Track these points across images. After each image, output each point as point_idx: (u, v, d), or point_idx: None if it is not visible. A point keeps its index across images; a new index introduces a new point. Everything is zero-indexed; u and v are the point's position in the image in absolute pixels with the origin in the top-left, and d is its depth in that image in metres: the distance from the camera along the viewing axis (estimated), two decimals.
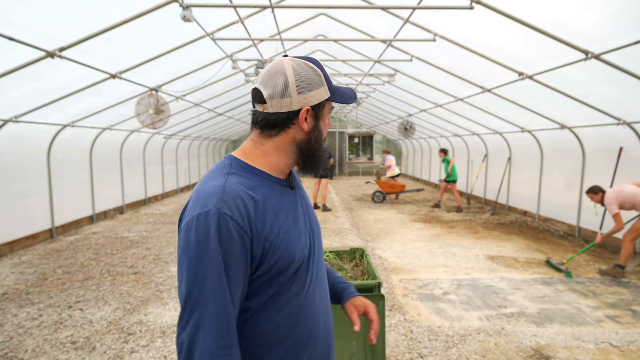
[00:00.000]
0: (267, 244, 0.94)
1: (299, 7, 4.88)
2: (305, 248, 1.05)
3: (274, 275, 0.97)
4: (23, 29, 3.58)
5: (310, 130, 1.05)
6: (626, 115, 5.29)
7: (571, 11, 3.72)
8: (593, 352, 3.10)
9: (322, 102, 1.05)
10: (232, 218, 0.88)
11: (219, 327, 0.86)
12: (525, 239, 6.69)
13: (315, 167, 1.09)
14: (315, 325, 1.07)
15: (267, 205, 0.98)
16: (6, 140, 5.57)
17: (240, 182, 0.97)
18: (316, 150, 1.08)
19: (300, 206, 1.11)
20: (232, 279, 0.88)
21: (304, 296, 1.04)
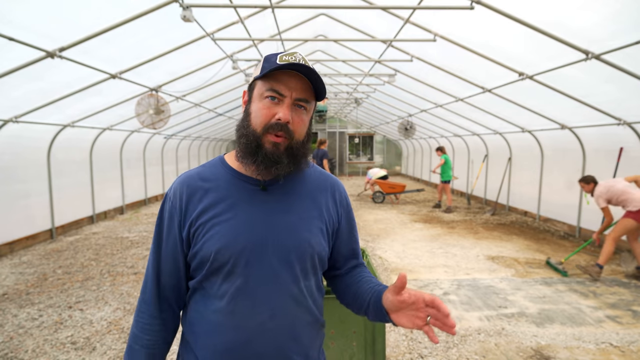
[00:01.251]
0: (192, 229, 0.99)
1: (299, 7, 4.88)
2: (240, 251, 0.96)
3: (197, 262, 1.00)
4: (23, 29, 3.57)
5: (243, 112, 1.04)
6: (626, 115, 5.29)
7: (571, 11, 3.72)
8: (593, 352, 3.09)
9: (252, 82, 1.02)
10: (170, 199, 1.04)
11: (144, 282, 1.06)
12: (526, 239, 6.69)
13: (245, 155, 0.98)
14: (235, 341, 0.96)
15: (209, 194, 1.01)
16: (6, 140, 5.57)
17: (199, 172, 1.06)
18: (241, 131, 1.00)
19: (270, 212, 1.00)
20: (161, 247, 1.04)
21: (229, 302, 0.97)
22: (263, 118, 0.96)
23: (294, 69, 0.96)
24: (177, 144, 12.36)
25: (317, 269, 1.07)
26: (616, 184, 4.67)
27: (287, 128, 0.96)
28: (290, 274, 1.00)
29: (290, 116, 0.96)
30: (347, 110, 16.63)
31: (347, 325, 2.23)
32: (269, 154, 0.96)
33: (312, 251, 1.03)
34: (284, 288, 0.99)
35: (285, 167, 0.98)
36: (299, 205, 1.05)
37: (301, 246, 1.01)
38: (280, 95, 0.96)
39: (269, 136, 0.96)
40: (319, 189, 1.11)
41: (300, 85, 0.98)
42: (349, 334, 2.24)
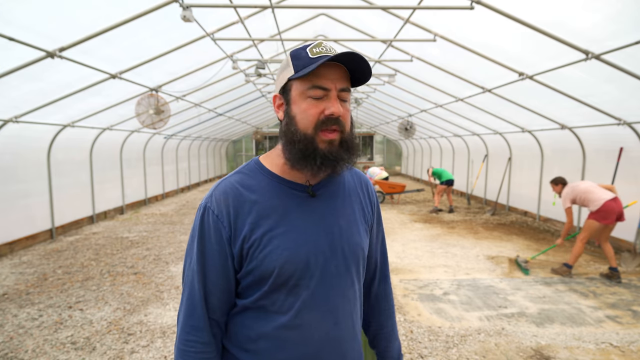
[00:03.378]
0: (245, 245, 0.92)
1: (299, 7, 4.89)
2: (303, 263, 0.93)
3: (256, 279, 0.94)
4: (23, 29, 3.57)
5: (283, 118, 0.96)
6: (626, 115, 5.29)
7: (571, 11, 3.72)
8: (593, 352, 3.09)
9: (287, 83, 0.94)
10: (213, 212, 0.94)
11: (189, 306, 0.95)
12: (526, 239, 6.69)
13: (298, 159, 0.93)
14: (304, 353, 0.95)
15: (258, 205, 0.94)
16: (6, 140, 5.57)
17: (239, 180, 0.98)
18: (290, 140, 0.93)
19: (323, 218, 0.97)
20: (208, 266, 0.95)
21: (293, 316, 0.94)
22: (313, 117, 0.91)
23: (338, 60, 0.90)
24: (177, 144, 12.36)
25: (363, 270, 1.07)
26: (580, 185, 4.72)
27: (339, 121, 0.91)
28: (349, 278, 0.99)
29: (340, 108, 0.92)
30: None
31: None
32: (327, 154, 0.91)
33: (363, 254, 1.03)
34: (344, 293, 0.99)
35: (345, 163, 0.94)
36: (346, 208, 1.02)
37: (355, 250, 1.00)
38: (325, 89, 0.90)
39: (322, 134, 0.91)
40: (357, 188, 1.09)
41: (340, 75, 0.92)
42: None
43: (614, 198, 4.51)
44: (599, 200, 4.50)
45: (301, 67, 0.90)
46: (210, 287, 0.95)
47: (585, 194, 4.61)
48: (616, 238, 5.75)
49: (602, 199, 4.49)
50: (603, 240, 4.68)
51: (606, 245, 4.66)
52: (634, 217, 5.49)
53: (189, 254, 0.98)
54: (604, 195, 4.51)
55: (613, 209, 4.46)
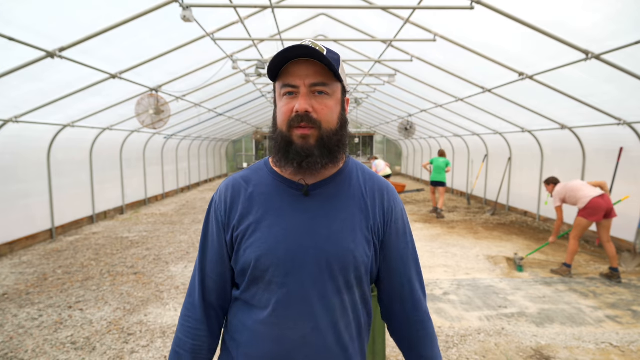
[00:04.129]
0: (235, 233, 0.98)
1: (299, 7, 4.89)
2: (280, 260, 0.91)
3: (239, 270, 0.98)
4: (23, 29, 3.57)
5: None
6: (626, 115, 5.29)
7: (571, 11, 3.72)
8: (593, 352, 3.09)
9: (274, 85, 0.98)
10: (216, 202, 1.03)
11: (191, 285, 1.06)
12: (526, 239, 6.69)
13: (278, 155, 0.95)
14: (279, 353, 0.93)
15: (253, 199, 0.99)
16: (6, 140, 5.57)
17: (242, 175, 1.04)
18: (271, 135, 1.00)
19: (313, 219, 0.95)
20: (207, 250, 1.03)
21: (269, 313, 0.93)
22: (284, 115, 0.93)
23: (294, 55, 0.89)
24: (177, 144, 12.36)
25: (362, 282, 0.98)
26: (570, 183, 4.77)
27: (310, 117, 0.90)
28: (333, 285, 0.93)
29: (311, 104, 0.90)
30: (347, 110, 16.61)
31: None
32: (298, 149, 0.91)
33: (356, 263, 0.95)
34: (326, 300, 0.93)
35: (317, 159, 0.92)
36: (342, 212, 0.97)
37: (344, 257, 0.93)
38: (294, 87, 0.91)
39: (295, 131, 0.91)
40: (365, 195, 1.01)
41: (313, 70, 0.90)
42: None
43: (601, 195, 4.55)
44: (586, 197, 4.57)
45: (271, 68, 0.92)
46: (208, 270, 1.03)
47: (573, 192, 4.68)
48: (616, 238, 5.75)
49: (588, 196, 4.56)
50: (605, 240, 4.68)
51: (609, 245, 4.66)
52: (634, 217, 5.49)
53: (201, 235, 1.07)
54: (590, 193, 4.57)
55: (600, 205, 4.51)
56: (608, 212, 4.55)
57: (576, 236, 4.72)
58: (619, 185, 5.70)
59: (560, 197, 4.79)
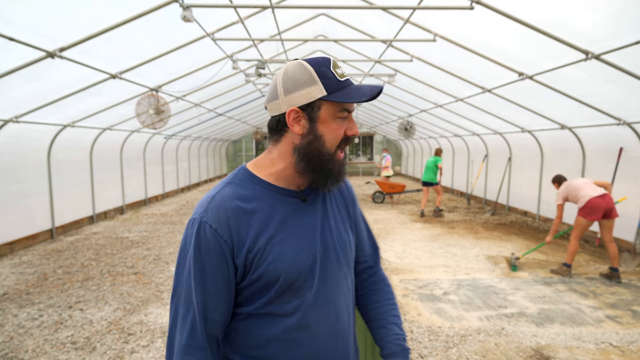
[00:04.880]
0: (250, 255, 0.93)
1: (299, 7, 4.88)
2: (305, 265, 0.98)
3: (261, 286, 0.95)
4: (23, 29, 3.58)
5: (305, 133, 0.96)
6: (626, 115, 5.29)
7: (571, 11, 3.72)
8: (593, 352, 3.10)
9: (314, 101, 0.94)
10: (211, 226, 0.92)
11: (190, 326, 0.93)
12: (526, 239, 6.69)
13: (322, 175, 0.98)
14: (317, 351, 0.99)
15: (256, 215, 0.95)
16: (6, 140, 5.57)
17: (233, 192, 0.97)
18: (315, 156, 0.96)
19: (314, 219, 1.03)
20: (208, 282, 0.93)
21: (300, 317, 0.97)
22: (339, 138, 0.97)
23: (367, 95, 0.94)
24: (177, 144, 12.36)
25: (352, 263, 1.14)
26: (573, 182, 4.77)
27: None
28: (342, 273, 1.05)
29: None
30: None
31: None
32: (342, 171, 1.00)
33: (352, 249, 1.11)
34: (341, 288, 1.05)
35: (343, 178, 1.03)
36: (332, 209, 1.09)
37: (345, 247, 1.07)
38: (350, 112, 0.98)
39: (339, 153, 0.99)
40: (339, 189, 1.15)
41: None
42: None
43: (602, 195, 4.54)
44: (585, 197, 4.59)
45: (333, 88, 0.94)
46: (212, 303, 0.94)
47: (575, 190, 4.70)
48: (616, 238, 5.75)
49: (588, 195, 4.57)
50: (607, 240, 4.68)
51: (610, 245, 4.66)
52: (634, 217, 5.49)
53: (181, 271, 0.95)
54: (590, 192, 4.57)
55: (599, 205, 4.52)
56: (608, 212, 4.54)
57: (576, 236, 4.74)
58: (619, 185, 5.70)
59: (563, 195, 4.81)
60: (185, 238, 0.95)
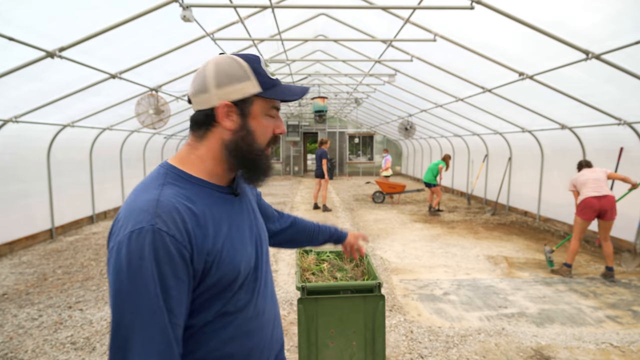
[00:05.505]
0: (209, 258, 0.87)
1: (299, 7, 4.88)
2: (252, 258, 1.00)
3: (218, 290, 0.91)
4: (23, 28, 3.57)
5: (237, 129, 0.95)
6: (626, 115, 5.29)
7: (571, 11, 3.72)
8: (593, 352, 3.09)
9: (249, 97, 0.94)
10: (168, 234, 0.80)
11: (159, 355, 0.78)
12: (526, 239, 6.69)
13: (254, 171, 0.99)
14: (264, 336, 1.03)
15: (207, 216, 0.90)
16: (6, 140, 5.57)
17: (177, 193, 0.88)
18: (247, 152, 0.96)
19: (246, 213, 1.06)
20: (173, 300, 0.80)
21: (252, 308, 0.99)
22: (270, 134, 1.00)
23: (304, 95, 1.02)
24: (177, 144, 12.36)
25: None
26: (583, 176, 4.76)
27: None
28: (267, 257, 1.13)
29: None
30: (347, 110, 16.63)
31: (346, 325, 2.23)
32: (269, 168, 1.02)
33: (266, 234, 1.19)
34: (271, 274, 1.14)
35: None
36: (250, 200, 1.14)
37: (265, 233, 1.15)
38: (278, 110, 1.02)
39: (267, 150, 1.02)
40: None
41: None
42: (349, 334, 2.24)
43: (599, 196, 4.57)
44: (582, 195, 4.71)
45: (267, 85, 0.96)
46: (177, 322, 0.82)
47: (579, 185, 4.78)
48: (616, 238, 5.75)
49: (584, 194, 4.68)
50: (602, 239, 4.72)
51: (605, 243, 4.70)
52: (634, 217, 5.49)
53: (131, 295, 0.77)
54: (588, 192, 4.65)
55: (592, 205, 4.59)
56: (602, 213, 4.59)
57: (576, 235, 4.79)
58: (619, 185, 5.70)
59: (572, 183, 4.89)
60: (129, 255, 0.77)
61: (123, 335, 0.77)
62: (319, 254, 2.66)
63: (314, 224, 1.59)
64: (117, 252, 0.80)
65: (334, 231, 1.64)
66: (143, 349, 0.77)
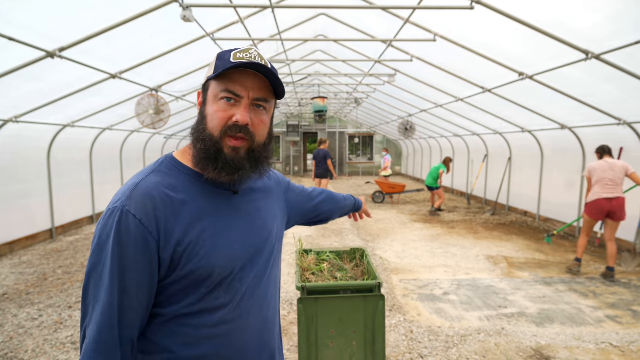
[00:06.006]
0: (179, 248, 0.86)
1: (299, 7, 4.88)
2: (237, 259, 0.95)
3: (190, 283, 0.89)
4: (23, 29, 3.58)
5: (198, 114, 0.96)
6: (626, 115, 5.29)
7: (571, 11, 3.72)
8: (593, 352, 3.09)
9: (205, 82, 0.95)
10: (135, 216, 0.84)
11: (99, 329, 0.83)
12: (526, 239, 6.69)
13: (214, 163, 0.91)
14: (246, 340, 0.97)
15: (187, 206, 0.89)
16: (6, 140, 5.57)
17: (160, 181, 0.90)
18: (200, 139, 0.92)
19: (244, 213, 1.01)
20: (127, 279, 0.84)
21: (232, 309, 0.95)
22: (219, 121, 0.91)
23: (250, 67, 0.90)
24: (177, 144, 12.36)
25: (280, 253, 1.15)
26: (602, 171, 4.68)
27: (247, 130, 0.91)
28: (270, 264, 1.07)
29: (249, 117, 0.92)
30: (347, 110, 16.62)
31: (346, 325, 2.23)
32: (229, 160, 0.91)
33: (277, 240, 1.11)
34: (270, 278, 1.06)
35: (247, 172, 0.95)
36: (265, 202, 1.10)
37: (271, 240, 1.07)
38: (237, 95, 0.91)
39: (228, 140, 0.91)
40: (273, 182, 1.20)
41: (258, 84, 0.93)
42: (349, 334, 2.24)
43: (610, 198, 4.59)
44: (594, 194, 4.71)
45: (220, 69, 0.90)
46: (129, 302, 0.84)
47: (594, 181, 4.74)
48: (616, 238, 5.74)
49: (596, 193, 4.68)
50: (607, 239, 4.75)
51: (609, 243, 4.73)
52: (634, 217, 5.49)
53: (96, 266, 0.84)
54: (601, 193, 4.64)
55: (602, 207, 4.63)
56: (611, 214, 4.63)
57: (584, 231, 4.91)
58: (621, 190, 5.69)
59: (588, 170, 4.83)
60: (101, 230, 0.84)
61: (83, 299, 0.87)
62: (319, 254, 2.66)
63: (340, 196, 1.61)
64: (97, 226, 0.87)
65: (354, 199, 1.70)
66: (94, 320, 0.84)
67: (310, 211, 1.44)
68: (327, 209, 1.51)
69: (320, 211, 1.48)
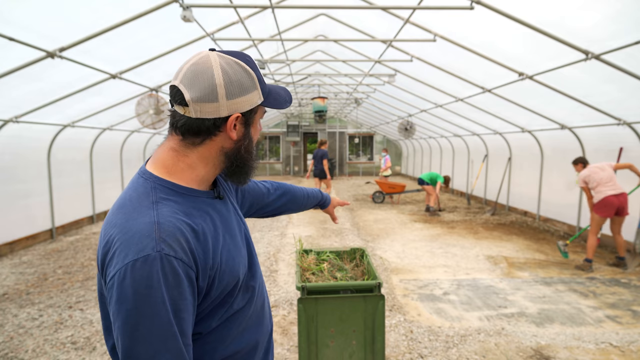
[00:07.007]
0: (211, 273, 0.87)
1: (299, 7, 4.89)
2: (246, 258, 1.01)
3: (221, 298, 0.92)
4: (23, 29, 3.58)
5: (240, 138, 0.93)
6: (626, 115, 5.29)
7: (571, 11, 3.72)
8: (593, 352, 3.10)
9: (254, 107, 0.93)
10: (176, 257, 0.78)
11: None
12: (525, 239, 6.69)
13: (244, 177, 1.00)
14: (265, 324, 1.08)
15: (205, 230, 0.88)
16: (6, 140, 5.57)
17: (174, 211, 0.84)
18: (247, 160, 0.96)
19: (232, 214, 1.05)
20: (184, 323, 0.80)
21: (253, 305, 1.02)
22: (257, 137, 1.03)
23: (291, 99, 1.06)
24: None
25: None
26: (597, 174, 4.91)
27: None
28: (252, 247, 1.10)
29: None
30: (347, 110, 16.63)
31: (346, 324, 2.23)
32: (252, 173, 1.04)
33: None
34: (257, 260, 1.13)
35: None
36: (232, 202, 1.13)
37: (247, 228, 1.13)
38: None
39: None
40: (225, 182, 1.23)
41: None
42: (349, 333, 2.24)
43: (617, 194, 4.76)
44: (601, 193, 4.85)
45: (265, 93, 0.95)
46: (187, 341, 0.82)
47: (595, 182, 4.90)
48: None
49: (603, 192, 4.82)
50: (615, 232, 5.00)
51: (618, 236, 4.99)
52: (634, 217, 5.49)
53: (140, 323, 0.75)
54: (607, 190, 4.80)
55: (612, 203, 4.78)
56: (620, 210, 4.81)
57: (593, 231, 5.00)
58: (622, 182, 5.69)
59: (584, 180, 5.01)
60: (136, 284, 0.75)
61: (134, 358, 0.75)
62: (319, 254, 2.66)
63: (303, 190, 1.63)
64: (120, 282, 0.76)
65: (320, 196, 1.72)
66: None
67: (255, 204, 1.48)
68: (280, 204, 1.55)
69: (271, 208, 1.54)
